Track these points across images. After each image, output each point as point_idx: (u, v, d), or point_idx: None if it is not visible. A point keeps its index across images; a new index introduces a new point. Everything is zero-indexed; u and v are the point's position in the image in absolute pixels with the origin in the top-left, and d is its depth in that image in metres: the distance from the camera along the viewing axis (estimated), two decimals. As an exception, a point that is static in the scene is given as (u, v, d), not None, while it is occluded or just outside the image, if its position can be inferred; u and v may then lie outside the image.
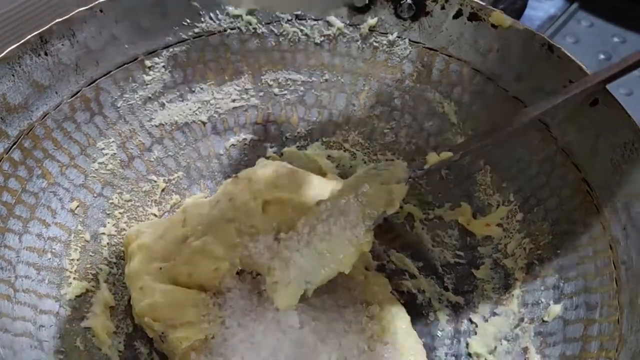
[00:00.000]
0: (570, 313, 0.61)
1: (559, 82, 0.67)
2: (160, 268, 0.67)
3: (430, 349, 0.68)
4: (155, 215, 0.76)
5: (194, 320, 0.64)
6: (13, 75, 0.67)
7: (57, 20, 0.69)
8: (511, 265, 0.69)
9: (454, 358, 0.67)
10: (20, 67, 0.66)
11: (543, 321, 0.63)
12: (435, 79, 0.77)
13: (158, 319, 0.64)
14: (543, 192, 0.68)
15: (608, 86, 0.63)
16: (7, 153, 0.66)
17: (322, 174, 0.80)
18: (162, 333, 0.64)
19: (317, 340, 0.61)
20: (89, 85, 0.73)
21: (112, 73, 0.74)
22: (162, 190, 0.78)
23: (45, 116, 0.70)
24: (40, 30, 0.68)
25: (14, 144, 0.67)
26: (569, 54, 0.66)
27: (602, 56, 1.05)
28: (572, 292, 0.62)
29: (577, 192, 0.65)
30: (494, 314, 0.68)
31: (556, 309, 0.62)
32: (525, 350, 0.63)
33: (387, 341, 0.63)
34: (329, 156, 0.81)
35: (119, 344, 0.67)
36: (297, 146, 0.82)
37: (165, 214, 0.77)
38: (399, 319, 0.66)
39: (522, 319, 0.65)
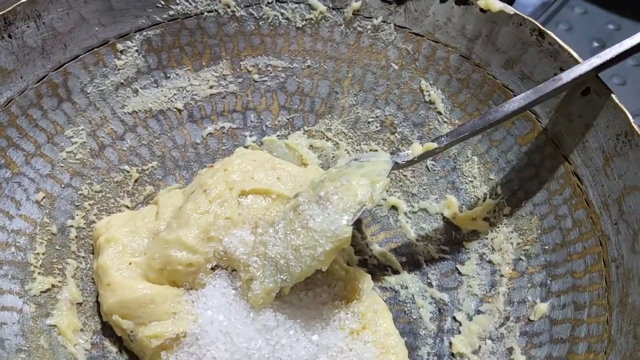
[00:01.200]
0: (558, 312, 0.59)
1: (550, 70, 0.64)
2: (130, 263, 0.63)
3: (412, 348, 0.65)
4: (127, 207, 0.73)
5: (165, 318, 0.61)
6: (-26, 59, 0.63)
7: (21, 1, 0.65)
8: (498, 261, 0.67)
9: (436, 358, 0.64)
10: (-20, 49, 0.62)
11: (529, 320, 0.61)
12: (421, 66, 0.74)
13: (127, 316, 0.61)
14: (531, 184, 0.66)
15: (601, 75, 0.60)
16: (-33, 141, 0.62)
17: (303, 164, 0.77)
18: (131, 332, 0.61)
19: (294, 339, 0.58)
20: (56, 69, 0.69)
21: (81, 57, 0.71)
22: (135, 180, 0.74)
23: (9, 102, 0.66)
24: (3, 11, 0.65)
25: (-25, 132, 0.63)
26: (560, 41, 0.63)
27: (595, 44, 1.02)
28: (559, 290, 0.60)
29: (567, 186, 0.63)
30: (479, 311, 0.65)
31: (543, 307, 0.60)
32: (511, 350, 0.60)
33: (368, 340, 0.60)
34: (310, 146, 0.78)
35: (86, 342, 0.64)
36: (278, 135, 0.79)
37: (139, 205, 0.74)
38: (381, 317, 0.63)
39: (507, 318, 0.63)
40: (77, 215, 0.69)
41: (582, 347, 0.54)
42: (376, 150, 0.77)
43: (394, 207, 0.75)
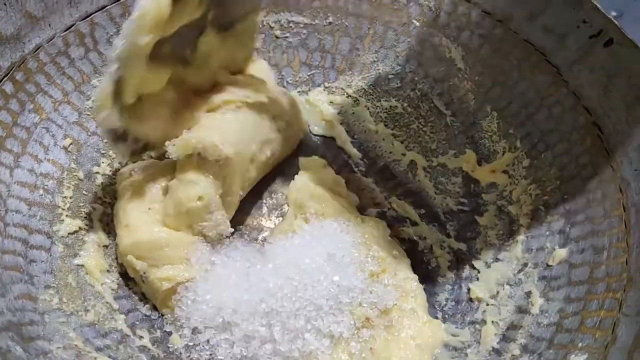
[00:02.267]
0: (576, 257, 0.59)
1: (573, 22, 0.64)
2: (149, 208, 0.65)
3: (430, 294, 0.66)
4: (151, 157, 0.74)
5: (177, 262, 0.62)
6: (5, 5, 0.64)
7: (50, -50, 0.67)
8: (516, 211, 0.67)
9: (454, 303, 0.66)
10: (12, -5, 0.64)
11: (547, 266, 0.61)
12: (443, 22, 0.74)
13: (141, 258, 0.62)
14: (552, 137, 0.66)
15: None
16: (-3, 85, 0.64)
17: (323, 120, 0.79)
18: (144, 273, 0.62)
19: (315, 279, 0.59)
20: (83, 19, 0.70)
21: (107, 8, 0.72)
22: (160, 131, 0.75)
23: (38, 49, 0.67)
24: (33, -41, 0.66)
25: (6, 76, 0.64)
26: (583, -9, 0.63)
27: (613, 13, 1.02)
28: (578, 236, 0.60)
29: (587, 136, 0.63)
30: (497, 259, 0.66)
31: (562, 253, 0.61)
32: (529, 294, 0.61)
33: (387, 283, 0.62)
34: (331, 102, 0.79)
35: (112, 282, 0.65)
36: (298, 91, 0.80)
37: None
38: (400, 262, 0.64)
39: (525, 264, 0.63)
40: (102, 162, 0.71)
41: (601, 288, 0.55)
42: (396, 107, 0.77)
43: (412, 162, 0.75)
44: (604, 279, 0.55)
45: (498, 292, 0.63)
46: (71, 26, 0.70)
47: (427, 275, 0.68)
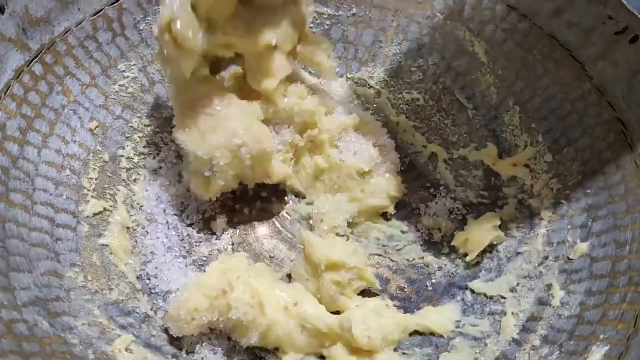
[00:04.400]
0: (598, 251, 0.60)
1: (599, 19, 0.64)
2: None
3: (448, 285, 0.67)
4: (173, 142, 0.75)
5: None
6: (36, -13, 0.65)
7: None
8: (537, 205, 0.67)
9: (474, 294, 0.66)
10: (44, -22, 0.64)
11: (569, 259, 0.62)
12: (467, 16, 0.75)
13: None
14: (574, 132, 0.66)
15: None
16: (27, 66, 0.65)
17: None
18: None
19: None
20: (112, 4, 0.71)
21: (135, -7, 0.73)
22: (183, 117, 0.76)
23: (67, 32, 0.68)
24: (65, -56, 0.67)
25: (36, 58, 0.65)
26: (610, -13, 0.63)
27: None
28: (600, 230, 0.61)
29: (611, 132, 0.63)
30: (517, 253, 0.66)
31: (583, 247, 0.61)
32: (550, 287, 0.61)
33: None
34: (353, 93, 0.79)
35: (135, 263, 0.66)
36: (321, 82, 0.80)
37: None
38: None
39: (546, 257, 0.64)
40: (127, 146, 0.72)
41: (623, 281, 0.55)
42: (418, 99, 0.78)
43: (433, 154, 0.76)
44: (626, 273, 0.56)
45: (518, 285, 0.64)
46: (100, 11, 0.70)
47: (445, 269, 0.69)
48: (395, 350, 0.61)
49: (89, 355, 0.55)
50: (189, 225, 0.70)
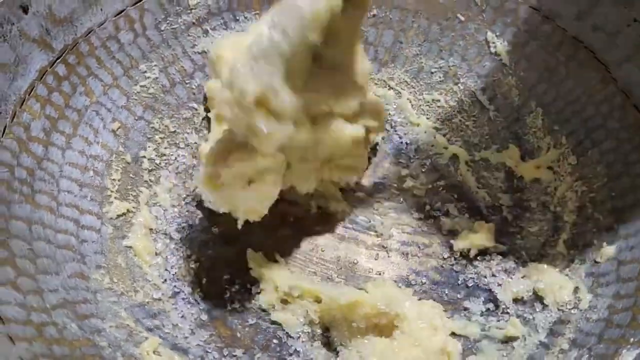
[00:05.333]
0: (625, 254, 0.59)
1: (623, 21, 0.64)
2: None
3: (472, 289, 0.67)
4: (195, 143, 0.75)
5: None
6: (60, -13, 0.65)
7: None
8: (561, 208, 0.67)
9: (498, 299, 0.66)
10: (68, -23, 0.64)
11: (595, 262, 0.61)
12: (489, 17, 0.75)
13: None
14: (599, 134, 0.66)
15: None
16: (51, 66, 0.64)
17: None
18: None
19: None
20: (134, 5, 0.71)
21: (157, -6, 0.72)
22: (203, 118, 0.76)
23: (89, 33, 0.68)
24: (88, -57, 0.66)
25: (59, 58, 0.65)
26: (636, -10, 0.63)
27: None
28: (627, 233, 0.61)
29: (636, 134, 0.63)
30: (541, 255, 0.66)
31: (610, 250, 0.61)
32: (576, 290, 0.61)
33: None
34: (373, 94, 0.79)
35: (159, 266, 0.66)
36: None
37: (204, 141, 0.75)
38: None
39: (572, 261, 0.64)
40: (149, 147, 0.72)
41: (653, 284, 0.56)
42: (438, 100, 0.78)
43: (454, 156, 0.76)
44: (655, 276, 0.56)
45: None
46: (122, 11, 0.70)
47: (468, 272, 0.69)
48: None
49: (117, 358, 0.54)
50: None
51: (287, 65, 0.51)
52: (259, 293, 0.66)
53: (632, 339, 0.53)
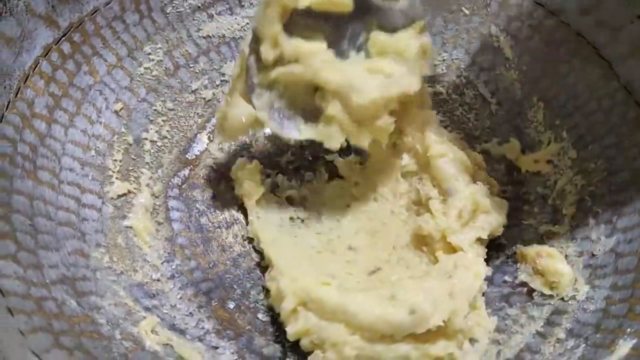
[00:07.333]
0: (623, 246, 0.60)
1: (627, 18, 0.65)
2: None
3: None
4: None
5: None
6: (66, -35, 0.65)
7: None
8: (560, 201, 0.68)
9: (495, 288, 0.66)
10: (74, -46, 0.64)
11: (593, 255, 0.62)
12: (493, 11, 0.75)
13: None
14: (600, 129, 0.67)
15: None
16: (56, 44, 0.64)
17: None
18: None
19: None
20: (140, -15, 0.71)
21: (164, -25, 0.72)
22: (206, 103, 0.76)
23: (95, 12, 0.68)
24: None
25: (64, 36, 0.65)
26: (641, -14, 0.63)
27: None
28: (626, 226, 0.61)
29: (637, 130, 0.64)
30: (539, 247, 0.66)
31: (608, 243, 0.61)
32: (574, 281, 0.61)
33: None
34: (376, 85, 0.79)
35: (159, 246, 0.66)
36: (344, 72, 0.80)
37: (207, 126, 0.75)
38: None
39: (570, 253, 0.64)
40: (151, 129, 0.71)
41: (650, 275, 0.56)
42: (441, 93, 0.78)
43: (455, 148, 0.76)
44: (652, 268, 0.56)
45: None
46: (128, -9, 0.70)
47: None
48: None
49: (115, 335, 0.54)
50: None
51: None
52: (259, 278, 0.66)
53: (628, 329, 0.53)
